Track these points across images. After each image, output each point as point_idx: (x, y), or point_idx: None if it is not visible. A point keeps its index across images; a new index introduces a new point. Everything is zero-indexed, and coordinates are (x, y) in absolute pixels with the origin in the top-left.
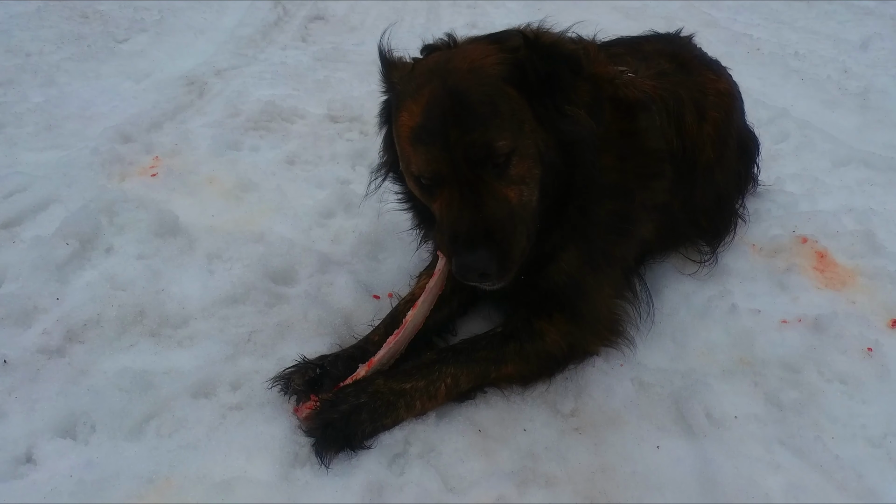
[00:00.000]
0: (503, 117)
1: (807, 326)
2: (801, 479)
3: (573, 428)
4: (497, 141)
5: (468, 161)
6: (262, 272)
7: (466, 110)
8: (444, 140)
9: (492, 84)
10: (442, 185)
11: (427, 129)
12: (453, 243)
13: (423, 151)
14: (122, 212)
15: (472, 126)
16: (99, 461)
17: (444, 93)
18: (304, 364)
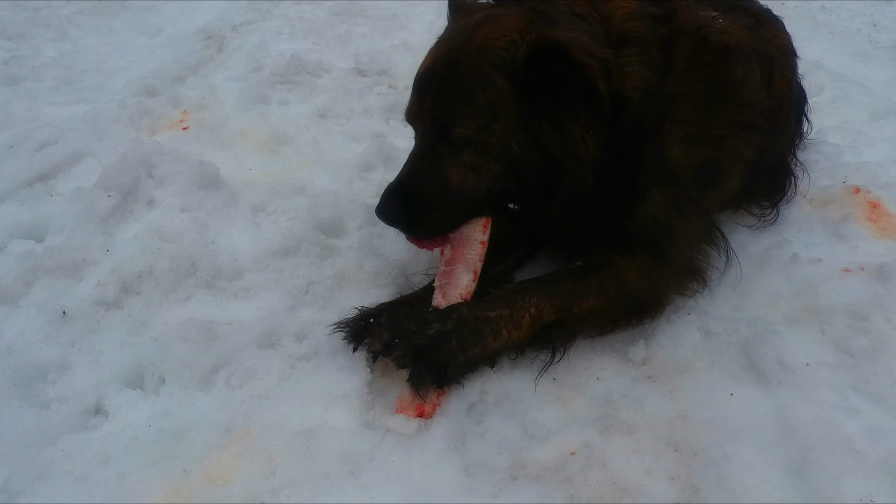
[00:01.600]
0: (474, 107)
1: (870, 275)
2: (880, 424)
3: (646, 376)
4: (455, 127)
5: (431, 131)
6: (310, 224)
7: (445, 86)
8: (422, 101)
9: (482, 70)
10: (415, 134)
11: (418, 82)
12: (386, 189)
13: (410, 98)
14: (160, 164)
15: (441, 104)
16: (174, 411)
17: (444, 58)
18: (365, 314)
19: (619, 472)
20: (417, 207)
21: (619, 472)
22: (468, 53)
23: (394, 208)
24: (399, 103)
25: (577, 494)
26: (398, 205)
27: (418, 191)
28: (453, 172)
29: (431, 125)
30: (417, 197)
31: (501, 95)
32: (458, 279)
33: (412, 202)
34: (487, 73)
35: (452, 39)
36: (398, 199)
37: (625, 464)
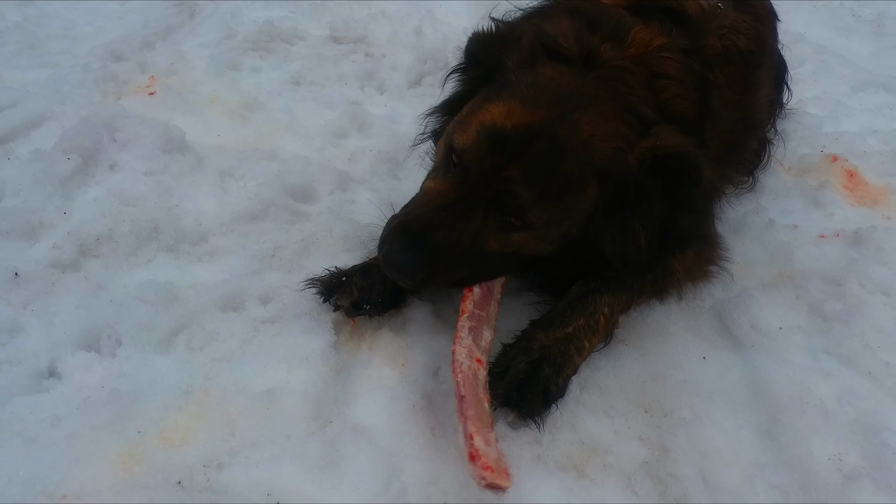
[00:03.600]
0: (558, 204)
1: (845, 241)
2: (852, 385)
3: (619, 339)
4: (529, 214)
5: (495, 199)
6: (279, 189)
7: (541, 169)
8: (501, 162)
9: (583, 171)
10: (459, 178)
11: (503, 140)
12: (399, 232)
13: (481, 146)
14: (124, 128)
15: (532, 186)
16: (130, 373)
17: (545, 137)
18: (337, 274)
19: (589, 432)
20: (435, 265)
21: (588, 432)
22: (574, 146)
23: (412, 262)
24: (375, 71)
25: (544, 454)
26: (416, 257)
27: (441, 246)
28: (494, 242)
29: (500, 193)
30: (438, 253)
31: (587, 202)
32: (482, 334)
33: (430, 257)
34: (586, 177)
35: (544, 109)
36: (417, 251)
37: (594, 424)
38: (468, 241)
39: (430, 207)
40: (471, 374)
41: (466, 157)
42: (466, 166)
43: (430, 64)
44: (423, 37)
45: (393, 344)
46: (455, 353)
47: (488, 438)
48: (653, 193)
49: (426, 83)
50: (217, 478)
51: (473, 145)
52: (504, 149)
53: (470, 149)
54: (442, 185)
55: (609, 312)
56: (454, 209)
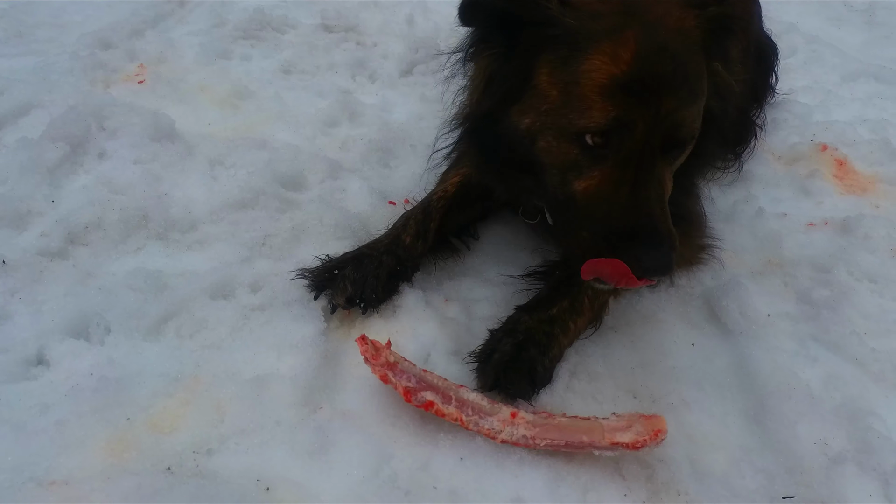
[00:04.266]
0: (702, 98)
1: (834, 229)
2: (838, 371)
3: (609, 327)
4: (696, 123)
5: (665, 139)
6: (269, 177)
7: (686, 79)
8: (656, 105)
9: (698, 55)
10: (615, 156)
11: (642, 83)
12: (640, 241)
13: (629, 107)
14: (113, 116)
15: (686, 101)
16: (119, 360)
17: (657, 47)
18: (329, 265)
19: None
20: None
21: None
22: (676, 40)
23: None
24: (366, 59)
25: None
26: (668, 252)
27: (663, 219)
28: (669, 179)
29: (669, 132)
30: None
31: (706, 76)
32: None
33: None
34: (700, 57)
35: (632, 28)
36: (666, 247)
37: (584, 410)
38: (665, 194)
39: (625, 197)
40: (531, 429)
41: (620, 126)
42: (626, 138)
43: (421, 53)
44: (414, 25)
45: (383, 331)
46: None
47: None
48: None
49: (417, 72)
50: (206, 463)
51: (618, 110)
52: (644, 90)
53: (618, 115)
54: (606, 172)
55: (594, 293)
56: (645, 185)
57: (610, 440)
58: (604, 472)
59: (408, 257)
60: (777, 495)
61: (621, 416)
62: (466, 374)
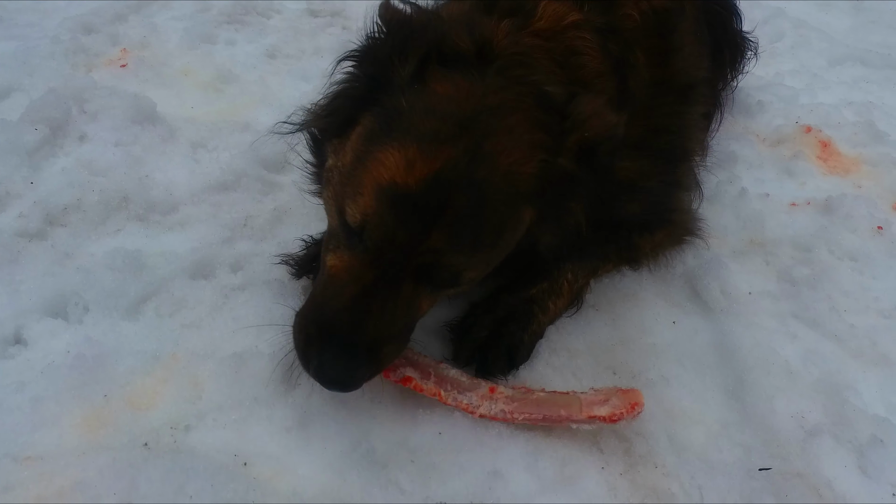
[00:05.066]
0: (495, 251)
1: (816, 208)
2: (817, 347)
3: (590, 305)
4: (469, 272)
5: (420, 268)
6: (252, 159)
7: (468, 226)
8: (421, 236)
9: (513, 205)
10: (371, 254)
11: (415, 209)
12: (327, 334)
13: (387, 219)
14: (94, 99)
15: (461, 248)
16: (97, 339)
17: (463, 180)
18: (313, 251)
19: None
20: (374, 355)
21: None
22: (497, 185)
23: (353, 372)
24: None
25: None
26: (359, 365)
27: (379, 336)
28: (427, 302)
29: (429, 266)
30: (379, 345)
31: (523, 226)
32: (447, 375)
33: (373, 356)
34: (518, 207)
35: (452, 147)
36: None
37: (563, 386)
38: (402, 315)
39: (348, 297)
40: (510, 403)
41: (372, 235)
42: (379, 247)
43: None
44: None
45: None
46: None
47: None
48: (584, 175)
49: None
50: (184, 439)
51: (377, 218)
52: (416, 215)
53: (374, 224)
54: (350, 262)
55: (573, 278)
56: (377, 292)
57: (587, 414)
58: (581, 446)
59: None
60: (754, 467)
61: (599, 391)
62: (443, 346)
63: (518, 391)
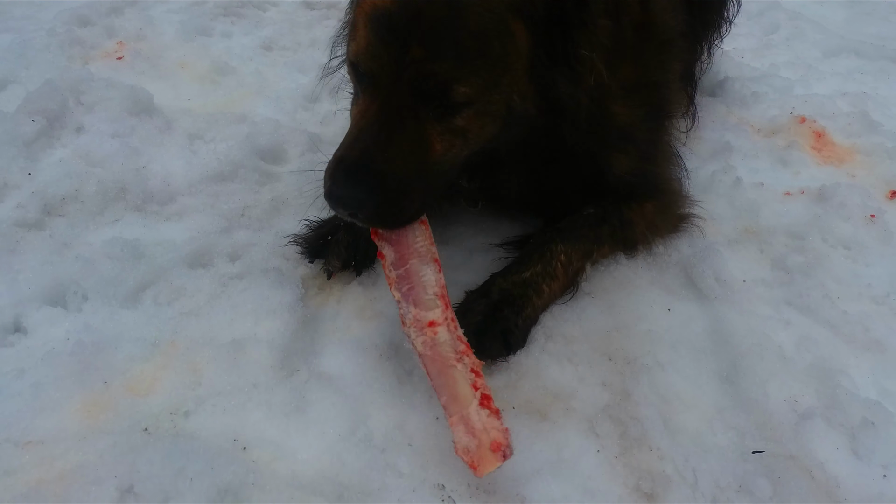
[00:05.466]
0: (485, 61)
1: (810, 197)
2: (810, 333)
3: (585, 292)
4: (458, 87)
5: (413, 88)
6: (249, 151)
7: (446, 32)
8: (401, 47)
9: (498, 13)
10: (372, 87)
11: (392, 23)
12: (337, 165)
13: (373, 42)
14: (90, 91)
15: (441, 55)
16: (96, 326)
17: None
18: (322, 231)
19: (553, 379)
20: (386, 189)
21: (552, 379)
22: None
23: (360, 192)
24: None
25: (510, 398)
26: (362, 187)
27: (386, 167)
28: (438, 140)
29: (416, 80)
30: (385, 175)
31: (515, 44)
32: (420, 279)
33: (377, 182)
34: (503, 16)
35: None
36: (361, 180)
37: (558, 372)
38: (411, 149)
39: (356, 130)
40: (429, 349)
41: (364, 63)
42: (373, 74)
43: None
44: None
45: (361, 298)
46: (406, 334)
47: (468, 420)
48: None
49: None
50: (184, 424)
51: (365, 45)
52: (394, 32)
53: (363, 51)
54: (361, 104)
55: (566, 260)
56: (382, 121)
57: (454, 423)
58: (577, 430)
59: None
60: (747, 450)
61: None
62: None
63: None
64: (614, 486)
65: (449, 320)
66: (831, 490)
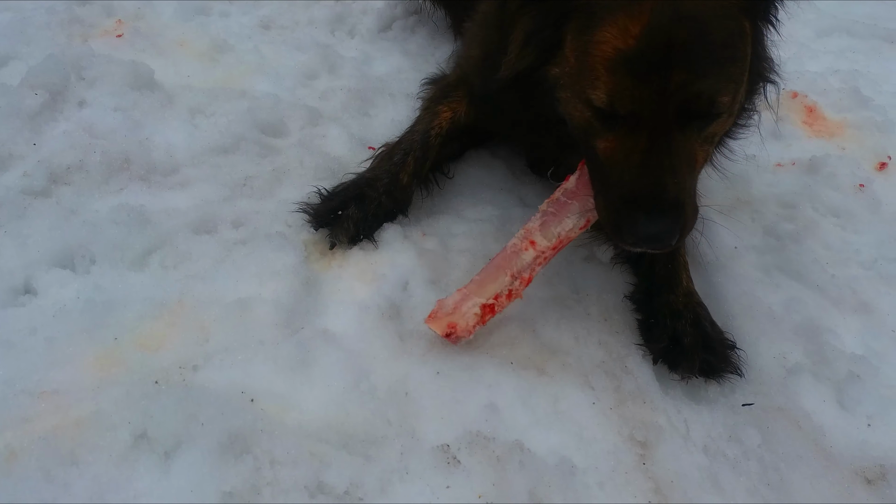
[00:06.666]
0: (735, 66)
1: (801, 168)
2: (800, 295)
3: (583, 258)
4: (721, 97)
5: (680, 113)
6: (250, 124)
7: (701, 49)
8: (663, 80)
9: (733, 17)
10: (627, 126)
11: (646, 60)
12: (640, 207)
13: (629, 85)
14: (92, 66)
15: (705, 72)
16: (106, 287)
17: (673, 16)
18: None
19: (550, 338)
20: (687, 215)
21: (549, 338)
22: (706, 6)
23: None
24: (346, 15)
25: (509, 355)
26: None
27: (682, 195)
28: (700, 152)
29: (683, 104)
30: (685, 203)
31: (748, 40)
32: (565, 217)
33: (681, 211)
34: (738, 18)
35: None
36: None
37: (555, 331)
38: (688, 169)
39: (636, 166)
40: (510, 251)
41: (624, 104)
42: (635, 113)
43: (400, 8)
44: None
45: (362, 262)
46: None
47: (464, 295)
48: None
49: (397, 27)
50: (193, 378)
51: (620, 89)
52: (651, 66)
53: (620, 94)
54: (619, 139)
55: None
56: (656, 152)
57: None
58: (574, 383)
59: (404, 198)
60: (737, 403)
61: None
62: None
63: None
64: (609, 435)
65: (543, 254)
66: (818, 438)
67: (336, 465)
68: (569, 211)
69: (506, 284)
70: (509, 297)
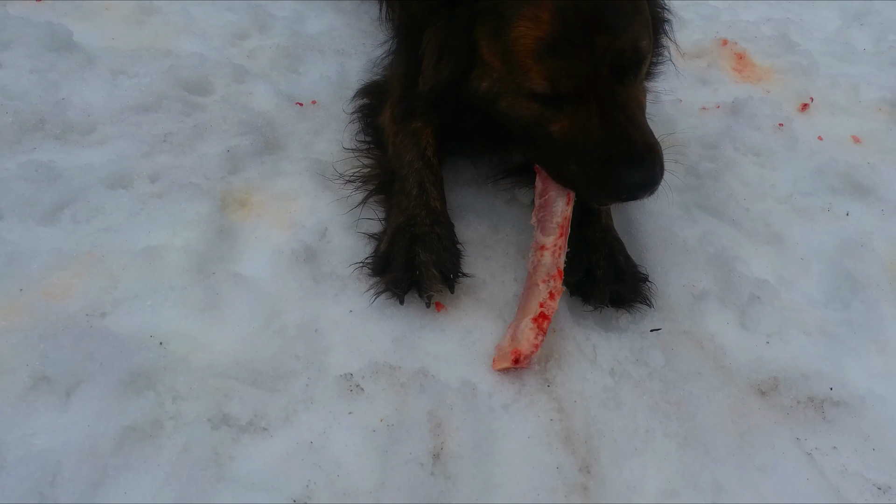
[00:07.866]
0: (642, 13)
1: (724, 111)
2: (714, 229)
3: (504, 200)
4: (642, 40)
5: (614, 70)
6: (173, 82)
7: (611, 11)
8: (588, 49)
9: None
10: (574, 101)
11: (565, 39)
12: (619, 163)
13: (560, 66)
14: (6, 28)
15: (622, 28)
16: (12, 240)
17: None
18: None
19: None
20: (659, 151)
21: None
22: None
23: (657, 173)
24: None
25: None
26: (656, 166)
27: (653, 141)
28: (642, 95)
29: (615, 62)
30: (655, 140)
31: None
32: (552, 208)
33: (656, 147)
34: None
35: None
36: (651, 153)
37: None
38: (640, 114)
39: (596, 131)
40: (531, 267)
41: (563, 83)
42: (576, 87)
43: None
44: None
45: (281, 210)
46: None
47: (517, 328)
48: None
49: None
50: (99, 323)
51: (553, 72)
52: (576, 45)
53: (556, 77)
54: (570, 116)
55: None
56: (610, 112)
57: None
58: (486, 316)
59: (446, 221)
60: (646, 329)
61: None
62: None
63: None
64: None
65: (556, 247)
66: (718, 356)
67: (240, 398)
68: (551, 202)
69: (543, 291)
70: (552, 296)
